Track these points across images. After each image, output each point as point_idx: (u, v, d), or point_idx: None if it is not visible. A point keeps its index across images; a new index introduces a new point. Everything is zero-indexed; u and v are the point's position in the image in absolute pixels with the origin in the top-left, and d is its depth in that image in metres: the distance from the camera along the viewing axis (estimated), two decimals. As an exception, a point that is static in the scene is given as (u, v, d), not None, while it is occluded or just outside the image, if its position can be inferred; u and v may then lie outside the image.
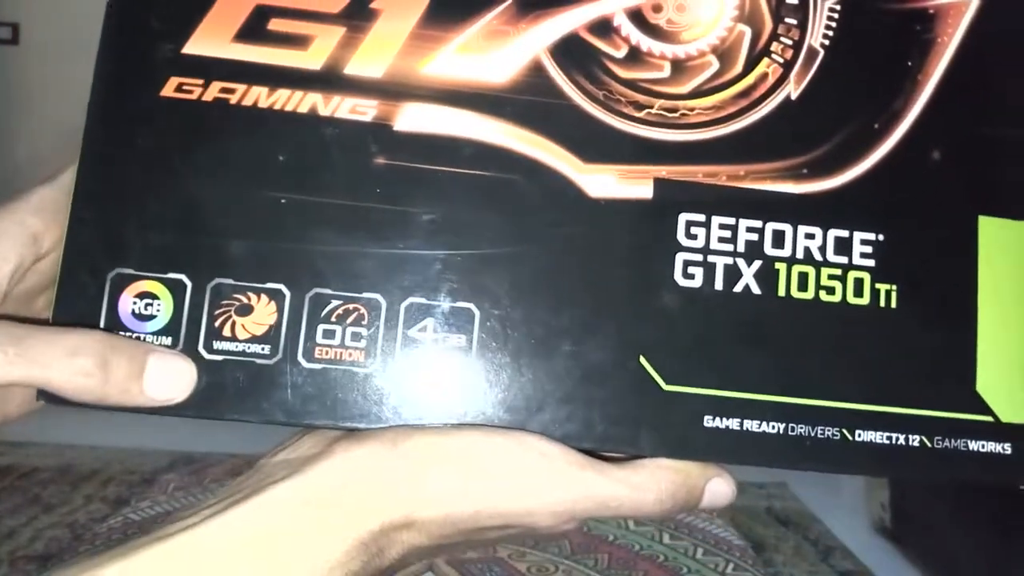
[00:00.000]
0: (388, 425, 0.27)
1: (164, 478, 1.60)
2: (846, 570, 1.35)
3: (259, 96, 0.28)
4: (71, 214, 0.27)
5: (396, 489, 0.26)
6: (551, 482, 0.27)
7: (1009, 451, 0.28)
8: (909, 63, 0.30)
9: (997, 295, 0.29)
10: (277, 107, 0.28)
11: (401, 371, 0.27)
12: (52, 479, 1.60)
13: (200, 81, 0.27)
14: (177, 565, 0.25)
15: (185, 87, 0.28)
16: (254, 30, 0.28)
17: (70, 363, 0.26)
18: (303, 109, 0.28)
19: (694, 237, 0.28)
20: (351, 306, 0.27)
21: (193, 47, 0.28)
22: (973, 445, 0.28)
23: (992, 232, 0.29)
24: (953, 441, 0.28)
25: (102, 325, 0.27)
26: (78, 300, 0.27)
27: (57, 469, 1.67)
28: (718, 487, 0.28)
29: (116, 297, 0.27)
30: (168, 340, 0.27)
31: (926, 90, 0.30)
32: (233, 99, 0.27)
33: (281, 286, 0.27)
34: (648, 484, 0.27)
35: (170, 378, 0.27)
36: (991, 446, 0.28)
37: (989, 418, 0.28)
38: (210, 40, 0.28)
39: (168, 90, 0.28)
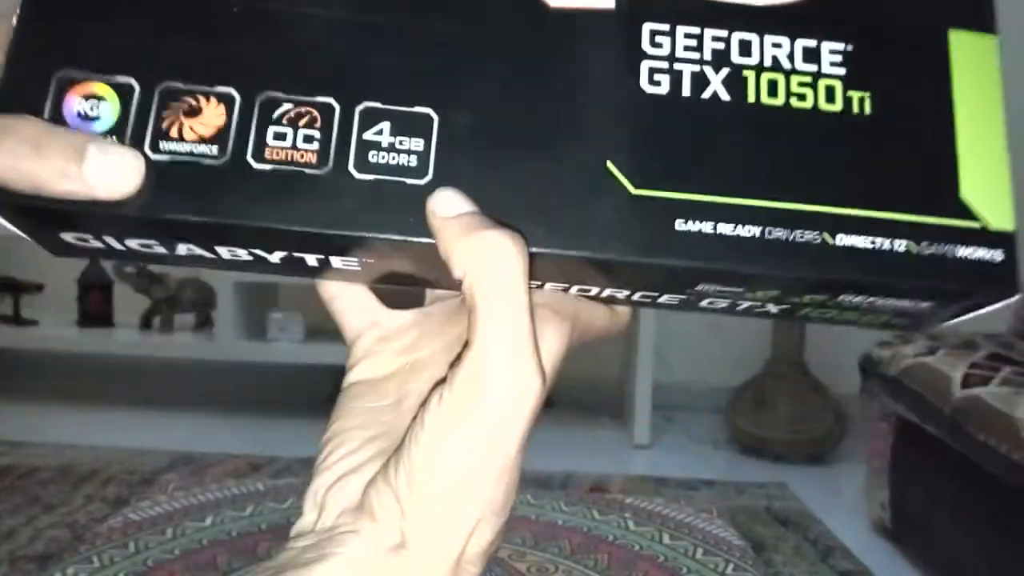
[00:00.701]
0: (342, 231, 0.26)
1: (164, 478, 1.59)
2: (846, 570, 1.35)
3: None
4: (20, 11, 0.27)
5: (444, 544, 0.26)
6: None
7: (1000, 258, 0.27)
8: None
9: (971, 105, 0.29)
10: None
11: (356, 175, 0.26)
12: (52, 479, 1.60)
13: None
14: None
15: None
16: None
17: None
18: None
19: (659, 46, 0.28)
20: (303, 109, 0.27)
21: None
22: (962, 251, 0.27)
23: (963, 45, 0.29)
24: (941, 246, 0.27)
25: (46, 117, 0.26)
26: (19, 97, 0.26)
27: (57, 469, 1.67)
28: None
29: (60, 97, 0.26)
30: (113, 140, 0.26)
31: None
32: None
33: (231, 89, 0.27)
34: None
35: (113, 164, 0.25)
36: (981, 252, 0.27)
37: (977, 224, 0.27)
38: None
39: None
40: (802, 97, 0.28)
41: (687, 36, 0.28)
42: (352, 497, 0.28)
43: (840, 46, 0.28)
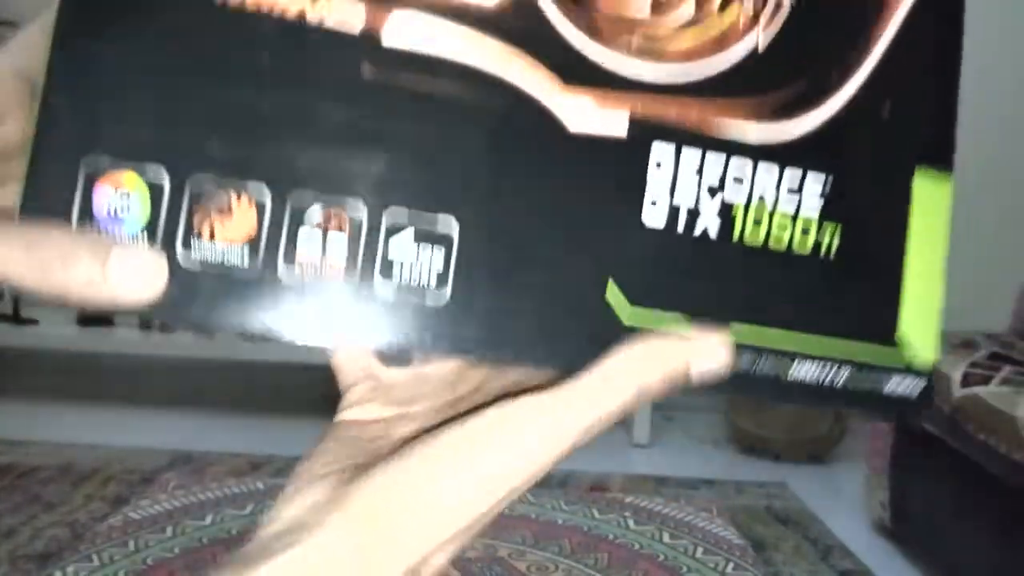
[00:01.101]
0: (367, 343, 0.27)
1: (164, 477, 1.59)
2: (845, 569, 1.35)
3: None
4: (43, 100, 0.27)
5: (408, 540, 0.27)
6: (537, 440, 0.27)
7: (921, 388, 0.31)
8: (866, 19, 0.32)
9: (922, 244, 0.32)
10: (264, 9, 0.28)
11: (380, 287, 0.27)
12: (52, 478, 1.60)
13: None
14: None
15: None
16: None
17: (27, 256, 0.25)
18: (290, 13, 0.28)
19: (661, 181, 0.30)
20: (333, 210, 0.27)
21: None
22: (891, 382, 0.31)
23: (925, 183, 0.32)
24: (876, 377, 0.31)
25: (75, 217, 0.26)
26: (48, 188, 0.26)
27: (57, 468, 1.67)
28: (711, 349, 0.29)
29: (90, 190, 0.26)
30: (143, 239, 0.26)
31: (879, 46, 0.32)
32: None
33: (261, 187, 0.27)
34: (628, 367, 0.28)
35: (136, 271, 0.25)
36: (907, 383, 0.31)
37: (907, 358, 0.31)
38: None
39: None
40: (781, 230, 0.31)
41: (688, 170, 0.30)
42: (326, 495, 0.29)
43: (823, 179, 0.31)
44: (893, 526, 1.44)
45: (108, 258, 0.25)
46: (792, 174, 0.31)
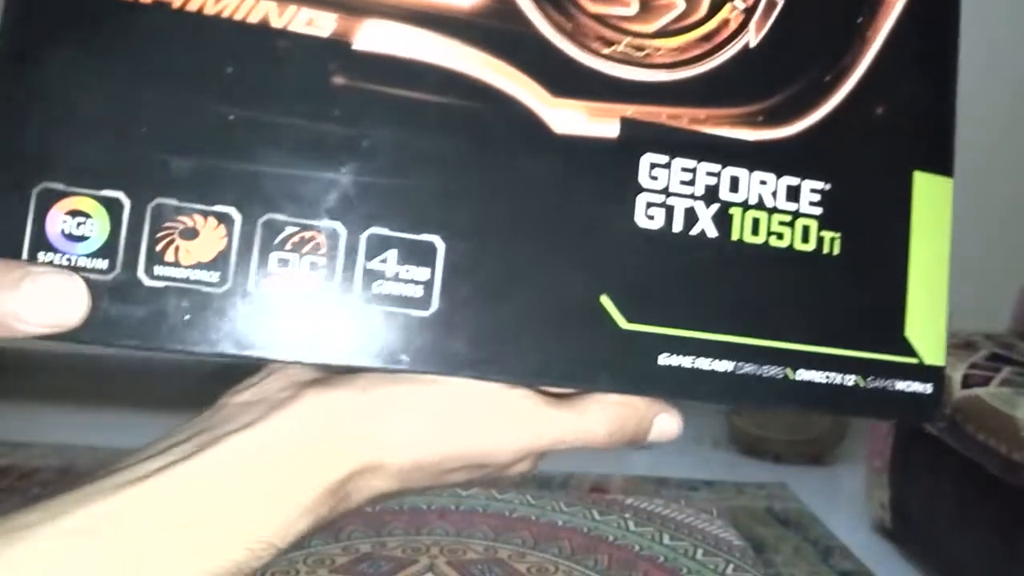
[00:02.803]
0: (347, 362, 0.26)
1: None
2: (846, 570, 1.35)
3: (205, 1, 0.25)
4: None
5: (366, 435, 0.26)
6: (510, 422, 0.27)
7: (931, 391, 0.31)
8: (859, 20, 0.31)
9: (925, 247, 0.31)
10: (225, 15, 0.26)
11: (362, 304, 0.26)
12: (52, 479, 1.60)
13: None
14: (146, 512, 0.24)
15: None
16: None
17: None
18: (254, 19, 0.26)
19: (656, 179, 0.29)
20: (307, 234, 0.26)
21: None
22: (900, 385, 0.31)
23: (924, 186, 0.31)
24: (884, 380, 0.30)
25: (26, 245, 0.24)
26: None
27: (57, 469, 1.67)
28: (665, 422, 0.30)
29: (43, 214, 0.24)
30: (104, 263, 0.24)
31: (873, 47, 0.31)
32: (176, 3, 0.25)
33: (231, 209, 0.25)
34: (599, 418, 0.28)
35: (51, 297, 0.23)
36: (916, 386, 0.31)
37: (915, 360, 0.31)
38: None
39: None
40: (780, 236, 0.30)
41: (683, 170, 0.29)
42: (310, 375, 0.28)
43: (820, 185, 0.30)
44: (893, 527, 1.44)
45: (20, 286, 0.23)
46: (788, 183, 0.30)
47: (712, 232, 0.29)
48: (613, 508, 0.84)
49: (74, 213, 0.24)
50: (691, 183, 0.29)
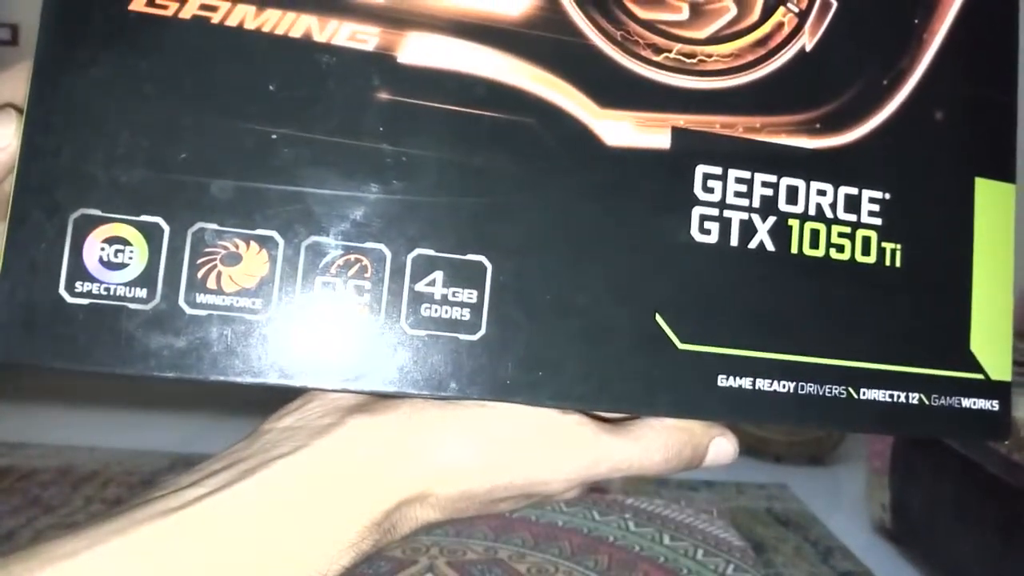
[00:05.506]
0: (395, 389, 0.25)
1: (164, 479, 1.59)
2: (846, 571, 1.35)
3: (245, 16, 0.25)
4: (24, 141, 0.23)
5: (412, 464, 0.25)
6: (565, 450, 0.26)
7: (997, 408, 0.29)
8: (915, 21, 0.30)
9: (988, 257, 0.30)
10: (266, 30, 0.25)
11: (408, 329, 0.25)
12: (52, 480, 1.60)
13: None
14: (184, 541, 0.23)
15: (158, 2, 0.24)
16: None
17: None
18: (296, 34, 0.25)
19: (711, 191, 0.27)
20: (352, 257, 0.25)
21: None
22: (966, 402, 0.29)
23: (986, 194, 0.30)
24: (948, 399, 0.29)
25: (63, 276, 0.23)
26: (34, 244, 0.23)
27: (57, 470, 1.66)
28: (721, 446, 0.29)
29: (80, 242, 0.23)
30: (143, 292, 0.23)
31: (931, 49, 0.30)
32: (215, 18, 0.25)
33: (273, 233, 0.24)
34: (655, 444, 0.27)
35: None
36: (982, 403, 0.29)
37: (981, 376, 0.29)
38: None
39: (138, 4, 0.24)
40: (840, 248, 0.28)
41: (738, 181, 0.28)
42: (352, 399, 0.27)
43: (879, 194, 0.29)
44: (894, 527, 1.44)
45: None
46: (847, 192, 0.28)
47: (770, 246, 0.28)
48: (613, 508, 0.84)
49: (112, 240, 0.23)
50: (747, 195, 0.28)
